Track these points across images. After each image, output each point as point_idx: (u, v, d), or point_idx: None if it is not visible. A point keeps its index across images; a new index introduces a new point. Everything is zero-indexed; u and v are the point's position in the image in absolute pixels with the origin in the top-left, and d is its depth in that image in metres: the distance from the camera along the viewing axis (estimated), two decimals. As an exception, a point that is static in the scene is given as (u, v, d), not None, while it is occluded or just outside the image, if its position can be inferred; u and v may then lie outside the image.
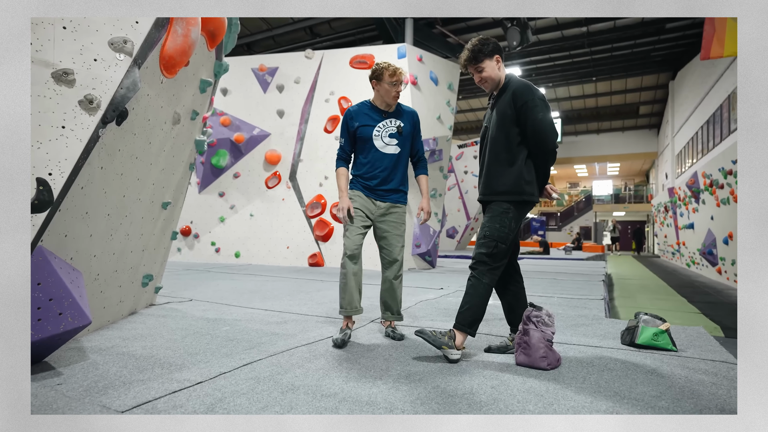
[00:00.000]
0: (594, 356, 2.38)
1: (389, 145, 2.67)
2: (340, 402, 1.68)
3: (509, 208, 2.26)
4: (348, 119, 2.69)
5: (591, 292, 5.09)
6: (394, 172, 2.70)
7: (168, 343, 2.50)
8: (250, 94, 8.33)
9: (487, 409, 1.63)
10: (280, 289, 4.87)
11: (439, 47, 11.83)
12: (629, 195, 28.10)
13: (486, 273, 2.25)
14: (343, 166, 2.75)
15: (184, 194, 3.76)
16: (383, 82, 2.61)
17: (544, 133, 2.20)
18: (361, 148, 2.70)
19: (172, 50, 2.56)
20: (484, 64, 2.30)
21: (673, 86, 17.33)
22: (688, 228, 10.31)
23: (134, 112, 2.46)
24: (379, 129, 2.66)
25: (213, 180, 8.37)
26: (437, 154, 8.22)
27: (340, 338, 2.43)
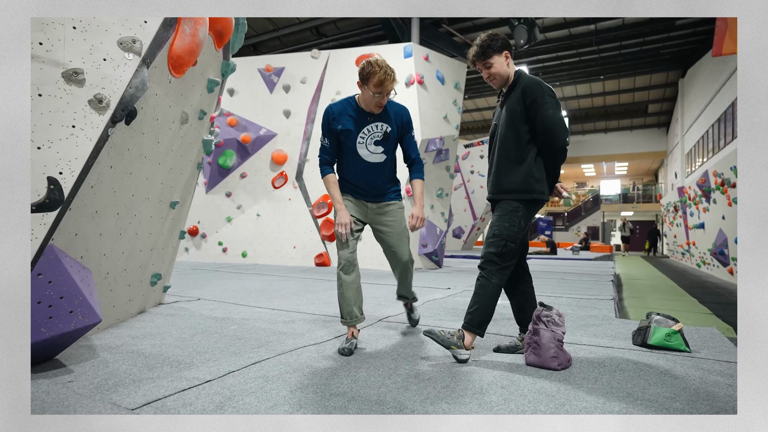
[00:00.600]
0: (605, 357, 2.36)
1: (374, 154, 2.43)
2: (348, 401, 1.67)
3: (519, 206, 2.23)
4: (330, 119, 2.40)
5: (600, 293, 5.04)
6: (380, 178, 2.51)
7: (177, 342, 2.51)
8: (257, 95, 8.36)
9: (498, 410, 1.62)
10: (287, 288, 4.87)
11: (445, 46, 11.80)
12: (638, 195, 27.85)
13: (495, 273, 2.22)
14: (330, 173, 2.47)
15: (191, 194, 3.78)
16: (367, 88, 2.29)
17: (555, 130, 2.16)
18: (344, 152, 2.47)
19: (180, 50, 2.56)
20: (492, 59, 2.27)
21: (683, 84, 17.15)
22: (699, 228, 10.19)
23: (143, 112, 2.47)
24: (363, 135, 2.40)
25: (220, 180, 8.41)
26: (444, 154, 8.19)
27: (347, 348, 2.34)
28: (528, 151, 2.23)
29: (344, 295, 2.43)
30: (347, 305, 2.43)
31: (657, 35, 13.03)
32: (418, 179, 2.57)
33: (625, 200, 28.01)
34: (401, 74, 7.59)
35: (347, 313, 2.44)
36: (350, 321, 2.45)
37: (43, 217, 1.94)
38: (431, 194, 8.25)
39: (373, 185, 2.51)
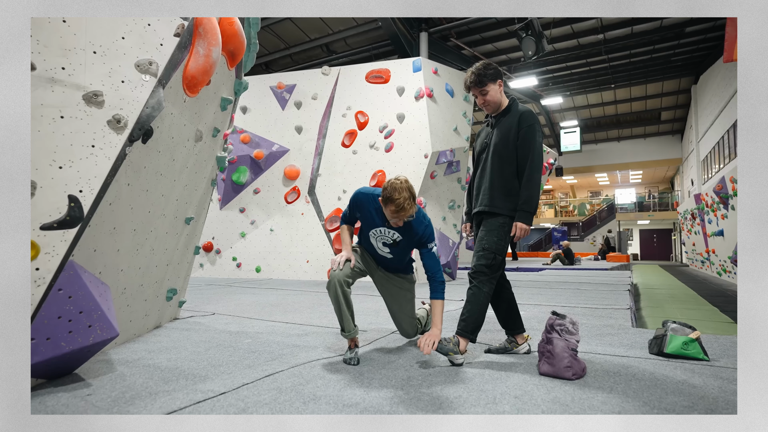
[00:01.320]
0: (621, 366, 2.32)
1: (383, 251, 2.59)
2: (361, 411, 1.68)
3: (506, 221, 2.43)
4: (355, 203, 2.55)
5: (616, 302, 4.96)
6: (390, 265, 2.67)
7: (192, 356, 2.54)
8: (269, 112, 8.51)
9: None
10: (300, 302, 4.90)
11: (454, 60, 11.91)
12: (653, 203, 27.41)
13: (486, 282, 2.41)
14: (346, 224, 2.66)
15: (206, 210, 3.85)
16: (386, 209, 2.34)
17: (540, 154, 2.44)
18: (362, 228, 2.61)
19: (194, 70, 2.65)
20: (488, 87, 2.48)
21: (696, 90, 16.97)
22: (718, 235, 9.98)
23: (159, 130, 2.55)
24: (374, 233, 2.54)
25: (234, 196, 8.53)
26: (455, 165, 8.21)
27: (355, 357, 2.40)
28: (515, 170, 2.45)
29: (341, 309, 2.40)
30: (346, 320, 2.42)
31: (667, 42, 12.97)
32: (437, 300, 2.47)
33: (640, 209, 27.57)
34: (410, 88, 7.69)
35: (348, 326, 2.44)
36: (351, 333, 2.46)
37: (63, 234, 2.00)
38: (443, 206, 8.25)
39: (384, 266, 2.70)
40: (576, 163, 24.87)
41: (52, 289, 1.94)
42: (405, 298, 2.71)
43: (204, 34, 2.64)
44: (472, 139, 17.57)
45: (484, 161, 2.56)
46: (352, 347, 2.48)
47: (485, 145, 2.57)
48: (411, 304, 2.73)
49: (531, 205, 2.38)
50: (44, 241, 1.91)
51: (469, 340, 2.39)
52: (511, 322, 2.59)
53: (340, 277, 2.39)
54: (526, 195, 2.38)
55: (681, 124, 21.47)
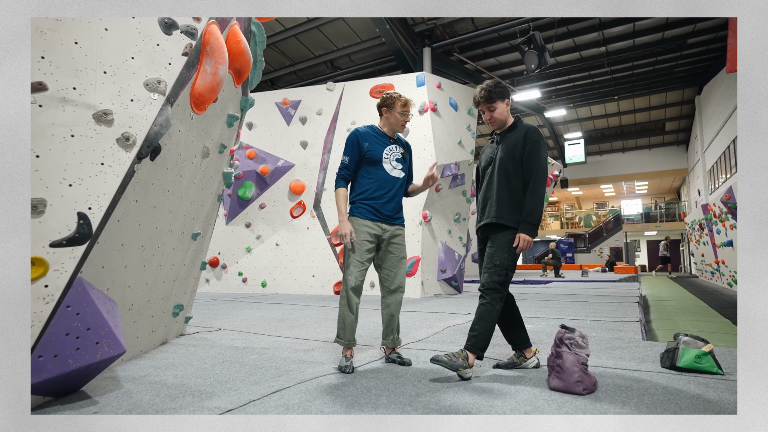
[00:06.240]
0: (633, 380, 2.28)
1: (396, 169, 2.79)
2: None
3: (513, 237, 2.44)
4: (359, 138, 2.72)
5: (626, 314, 4.90)
6: (399, 194, 2.82)
7: (198, 372, 2.53)
8: (275, 127, 8.60)
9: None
10: (306, 317, 4.87)
11: (457, 74, 12.02)
12: (660, 213, 27.20)
13: (498, 301, 2.41)
14: (343, 187, 2.74)
15: (212, 225, 3.87)
16: (395, 111, 2.75)
17: (545, 168, 2.49)
18: (368, 170, 2.73)
19: (201, 88, 2.69)
20: (496, 104, 2.56)
21: (700, 101, 16.98)
22: (727, 245, 9.87)
23: (167, 147, 2.58)
24: (387, 153, 2.77)
25: (239, 211, 8.57)
26: (460, 179, 8.22)
27: (350, 366, 2.54)
28: (521, 184, 2.48)
29: (346, 319, 2.61)
30: (349, 328, 2.61)
31: (669, 54, 13.02)
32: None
33: (647, 219, 27.37)
34: (415, 103, 7.74)
35: (350, 335, 2.61)
36: (350, 342, 2.62)
37: (72, 250, 2.02)
38: (448, 219, 8.24)
39: (394, 197, 2.78)
40: (581, 174, 24.82)
41: (61, 306, 1.95)
42: (403, 251, 2.81)
43: (211, 52, 2.69)
44: (477, 152, 17.61)
45: (490, 175, 2.59)
46: (348, 356, 2.61)
47: (491, 160, 2.61)
48: (406, 256, 2.84)
49: (535, 217, 2.41)
50: (53, 258, 1.92)
51: (476, 357, 2.40)
52: (517, 337, 2.59)
53: (358, 285, 2.59)
54: (530, 207, 2.40)
55: (686, 134, 21.43)
